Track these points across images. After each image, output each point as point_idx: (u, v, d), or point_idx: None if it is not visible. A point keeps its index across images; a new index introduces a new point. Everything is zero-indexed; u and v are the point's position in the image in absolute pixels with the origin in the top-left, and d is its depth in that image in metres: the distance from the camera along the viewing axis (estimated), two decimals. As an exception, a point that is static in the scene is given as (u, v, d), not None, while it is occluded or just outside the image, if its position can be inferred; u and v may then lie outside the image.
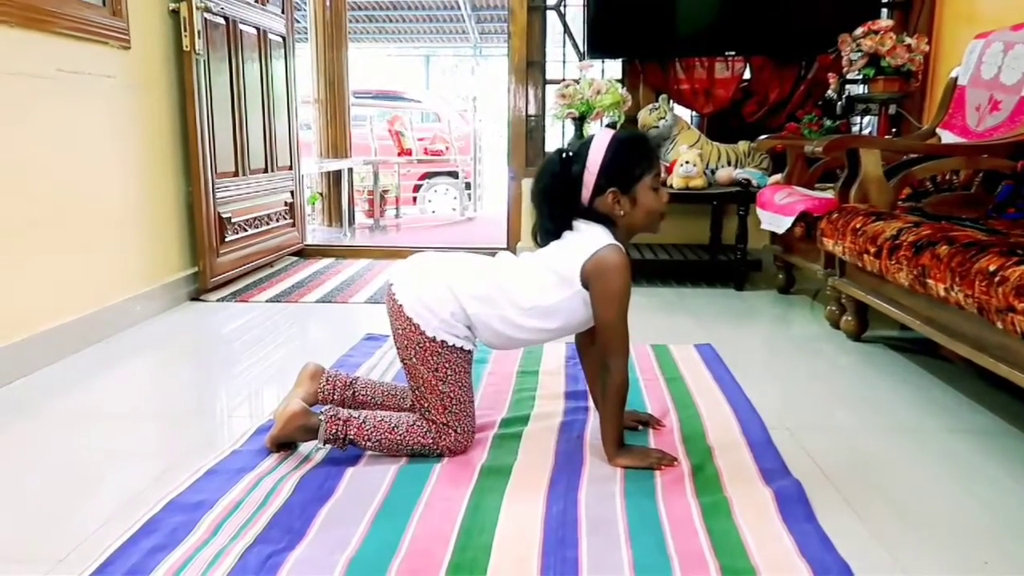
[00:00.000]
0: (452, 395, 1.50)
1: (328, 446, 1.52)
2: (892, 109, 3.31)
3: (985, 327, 1.58)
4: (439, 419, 1.50)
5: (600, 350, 1.48)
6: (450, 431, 1.50)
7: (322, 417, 1.49)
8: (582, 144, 1.47)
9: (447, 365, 1.50)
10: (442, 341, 1.48)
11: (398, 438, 1.49)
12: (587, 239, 1.45)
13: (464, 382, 1.52)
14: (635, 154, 1.46)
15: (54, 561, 1.17)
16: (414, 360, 1.50)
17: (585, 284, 1.44)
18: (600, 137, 1.45)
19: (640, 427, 1.67)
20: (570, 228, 1.49)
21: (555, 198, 1.48)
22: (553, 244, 1.51)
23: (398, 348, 1.53)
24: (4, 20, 2.02)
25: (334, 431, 1.48)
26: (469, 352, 1.54)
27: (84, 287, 2.38)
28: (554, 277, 1.46)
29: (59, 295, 2.26)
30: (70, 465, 1.53)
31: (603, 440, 1.50)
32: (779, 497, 1.34)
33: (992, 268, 1.47)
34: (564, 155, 1.47)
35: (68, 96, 2.31)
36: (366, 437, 1.48)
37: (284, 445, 1.55)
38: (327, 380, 1.66)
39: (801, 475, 1.43)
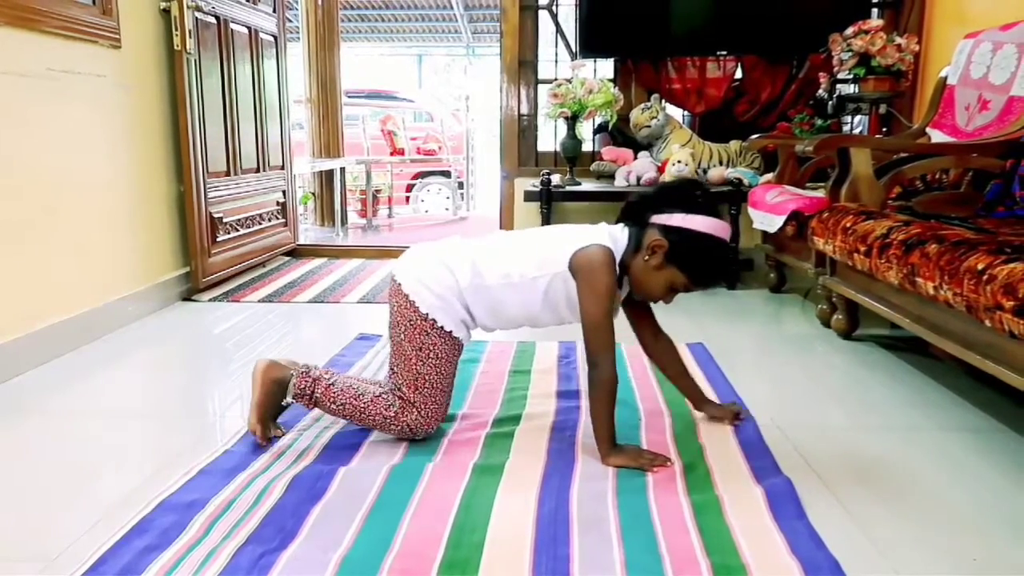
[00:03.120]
0: (427, 376, 1.52)
1: (297, 403, 1.57)
2: (882, 108, 3.32)
3: (973, 325, 1.59)
4: (407, 395, 1.52)
5: (588, 350, 1.48)
6: (413, 409, 1.52)
7: (292, 372, 1.55)
8: (707, 200, 1.48)
9: (432, 347, 1.52)
10: (433, 320, 1.51)
11: (361, 406, 1.53)
12: (593, 233, 1.49)
13: (444, 370, 1.54)
14: (705, 258, 1.46)
15: (46, 560, 1.16)
16: (402, 338, 1.53)
17: (572, 271, 1.47)
18: (720, 223, 1.45)
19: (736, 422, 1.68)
20: (627, 222, 1.52)
21: (655, 199, 1.49)
22: (570, 226, 1.56)
23: (391, 329, 1.56)
24: (-6, 19, 2.01)
25: (303, 387, 1.53)
26: (457, 341, 1.56)
27: (76, 287, 2.37)
28: (543, 253, 1.50)
29: (50, 295, 2.25)
30: (62, 464, 1.53)
31: (596, 439, 1.50)
32: (770, 495, 1.34)
33: (980, 267, 1.48)
34: (697, 192, 1.48)
35: (58, 95, 2.30)
36: (331, 399, 1.53)
37: (268, 435, 1.57)
38: (303, 367, 1.65)
39: (792, 473, 1.44)
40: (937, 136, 2.74)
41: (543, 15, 3.80)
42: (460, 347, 1.58)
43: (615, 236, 1.51)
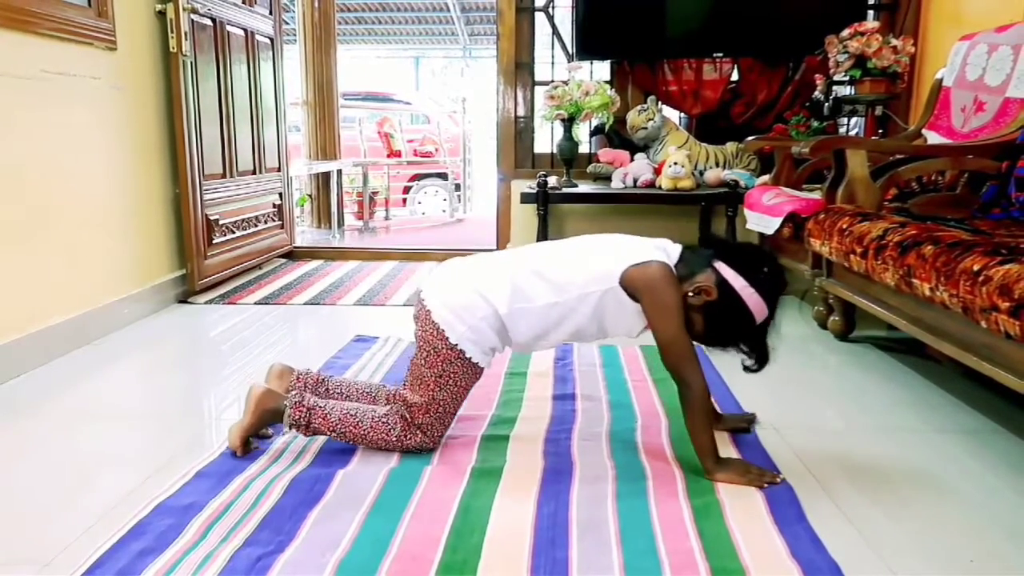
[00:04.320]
0: (442, 403, 1.50)
1: (293, 431, 1.54)
2: (879, 110, 3.33)
3: (970, 326, 1.59)
4: (416, 418, 1.50)
5: (670, 367, 1.45)
6: (417, 432, 1.50)
7: (286, 402, 1.52)
8: (769, 277, 1.45)
9: (453, 375, 1.49)
10: (461, 351, 1.47)
11: (362, 432, 1.51)
12: (645, 248, 1.48)
13: (459, 397, 1.53)
14: (733, 328, 1.47)
15: (41, 564, 1.16)
16: (422, 362, 1.50)
17: (627, 290, 1.44)
18: (764, 308, 1.44)
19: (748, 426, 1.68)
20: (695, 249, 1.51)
21: (731, 250, 1.49)
22: (614, 238, 1.54)
23: (416, 351, 1.52)
24: (-11, 21, 2.01)
25: (297, 417, 1.50)
26: (480, 372, 1.54)
27: (71, 289, 2.37)
28: (591, 269, 1.47)
29: (46, 297, 2.25)
30: (58, 467, 1.52)
31: (699, 455, 1.44)
32: (770, 499, 1.34)
33: (976, 268, 1.48)
34: (765, 268, 1.45)
35: (53, 98, 2.30)
36: (329, 428, 1.51)
37: (248, 451, 1.54)
38: (297, 378, 1.66)
39: (789, 475, 1.43)
40: (933, 138, 2.74)
41: (539, 17, 3.79)
42: (480, 375, 1.55)
43: (667, 250, 1.49)
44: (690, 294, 1.44)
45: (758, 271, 1.44)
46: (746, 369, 1.53)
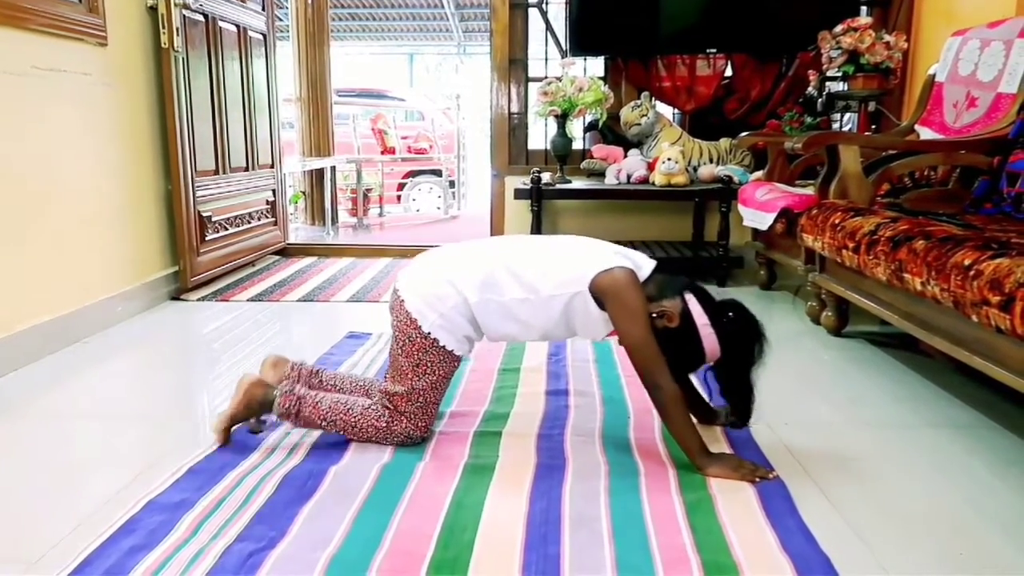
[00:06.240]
0: (422, 392, 1.52)
1: (285, 422, 1.56)
2: (871, 106, 3.33)
3: (961, 321, 1.59)
4: (399, 406, 1.52)
5: (640, 371, 1.46)
6: (403, 418, 1.52)
7: (277, 392, 1.53)
8: (733, 323, 1.48)
9: (430, 364, 1.51)
10: (434, 339, 1.49)
11: (352, 420, 1.52)
12: (613, 254, 1.49)
13: (439, 386, 1.54)
14: (685, 358, 1.49)
15: (30, 561, 1.15)
16: (399, 352, 1.52)
17: (594, 295, 1.45)
18: (717, 352, 1.46)
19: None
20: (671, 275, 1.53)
21: (704, 292, 1.50)
22: (585, 241, 1.56)
23: (392, 341, 1.55)
24: (-22, 16, 1.99)
25: (287, 406, 1.52)
26: (457, 360, 1.55)
27: (63, 286, 2.36)
28: (561, 272, 1.48)
29: (37, 295, 2.24)
30: (49, 465, 1.52)
31: (687, 453, 1.45)
32: (762, 493, 1.35)
33: (967, 262, 1.48)
34: (730, 314, 1.48)
35: (44, 94, 2.28)
36: (320, 416, 1.53)
37: (226, 442, 1.56)
38: (292, 368, 1.67)
39: (781, 470, 1.44)
40: (925, 133, 2.75)
41: (533, 13, 3.79)
42: (459, 363, 1.57)
43: (636, 262, 1.50)
44: (653, 315, 1.45)
45: (723, 314, 1.47)
46: (731, 424, 1.59)
